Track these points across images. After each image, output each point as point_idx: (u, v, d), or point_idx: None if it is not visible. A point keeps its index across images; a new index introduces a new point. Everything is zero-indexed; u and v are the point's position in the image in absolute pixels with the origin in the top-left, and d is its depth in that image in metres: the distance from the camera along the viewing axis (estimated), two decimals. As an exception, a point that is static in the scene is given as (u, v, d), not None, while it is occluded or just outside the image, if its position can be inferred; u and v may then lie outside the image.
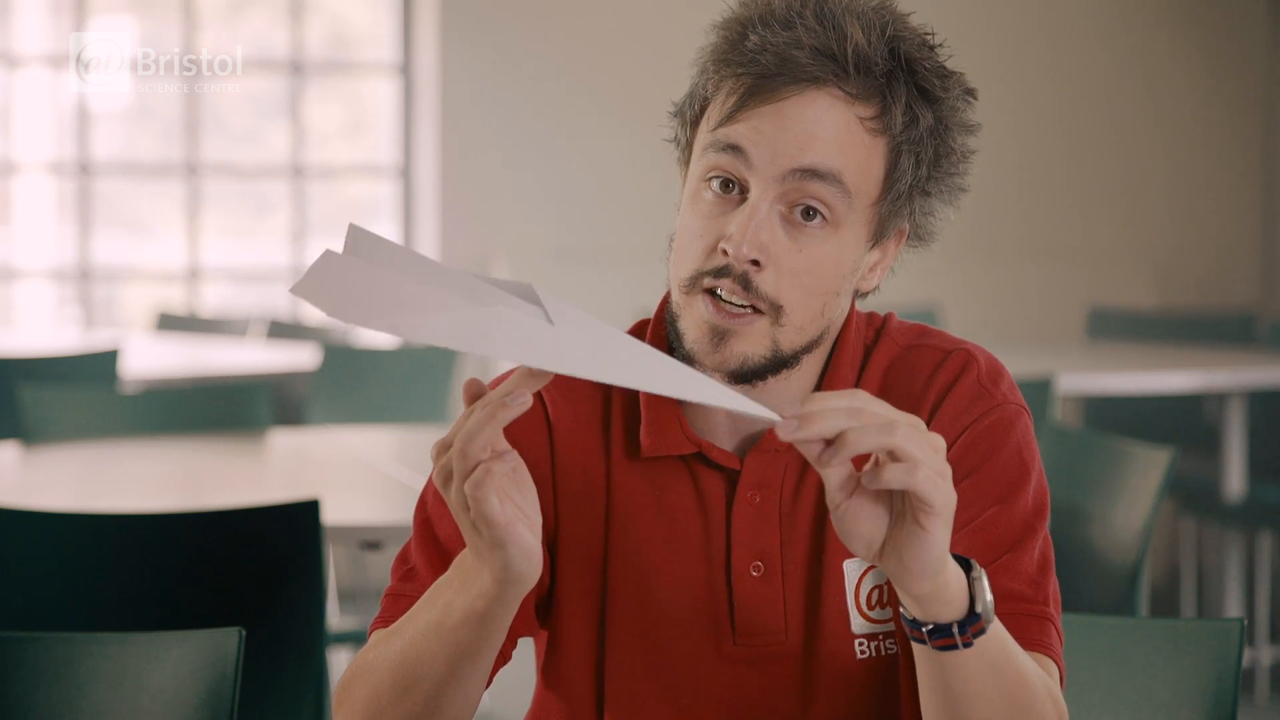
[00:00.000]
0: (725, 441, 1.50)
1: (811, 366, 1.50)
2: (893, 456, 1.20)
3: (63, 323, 6.35)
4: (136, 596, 2.29)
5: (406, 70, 6.39)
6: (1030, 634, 1.42)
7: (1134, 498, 2.89)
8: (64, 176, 6.31)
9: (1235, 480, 4.79)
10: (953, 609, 1.27)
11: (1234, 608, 4.87)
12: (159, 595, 2.29)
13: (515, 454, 1.30)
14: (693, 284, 1.44)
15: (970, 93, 1.48)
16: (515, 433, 1.50)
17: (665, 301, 1.53)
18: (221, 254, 6.45)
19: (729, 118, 1.43)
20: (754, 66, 1.42)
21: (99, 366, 4.15)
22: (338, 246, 1.27)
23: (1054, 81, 6.54)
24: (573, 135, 6.15)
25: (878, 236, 1.47)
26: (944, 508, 1.21)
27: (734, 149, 1.42)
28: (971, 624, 1.27)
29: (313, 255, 6.37)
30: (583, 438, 1.52)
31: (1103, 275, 6.56)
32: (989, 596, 1.28)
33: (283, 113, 6.45)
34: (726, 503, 1.49)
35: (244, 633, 1.63)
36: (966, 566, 1.28)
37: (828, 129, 1.42)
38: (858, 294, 1.52)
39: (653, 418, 1.50)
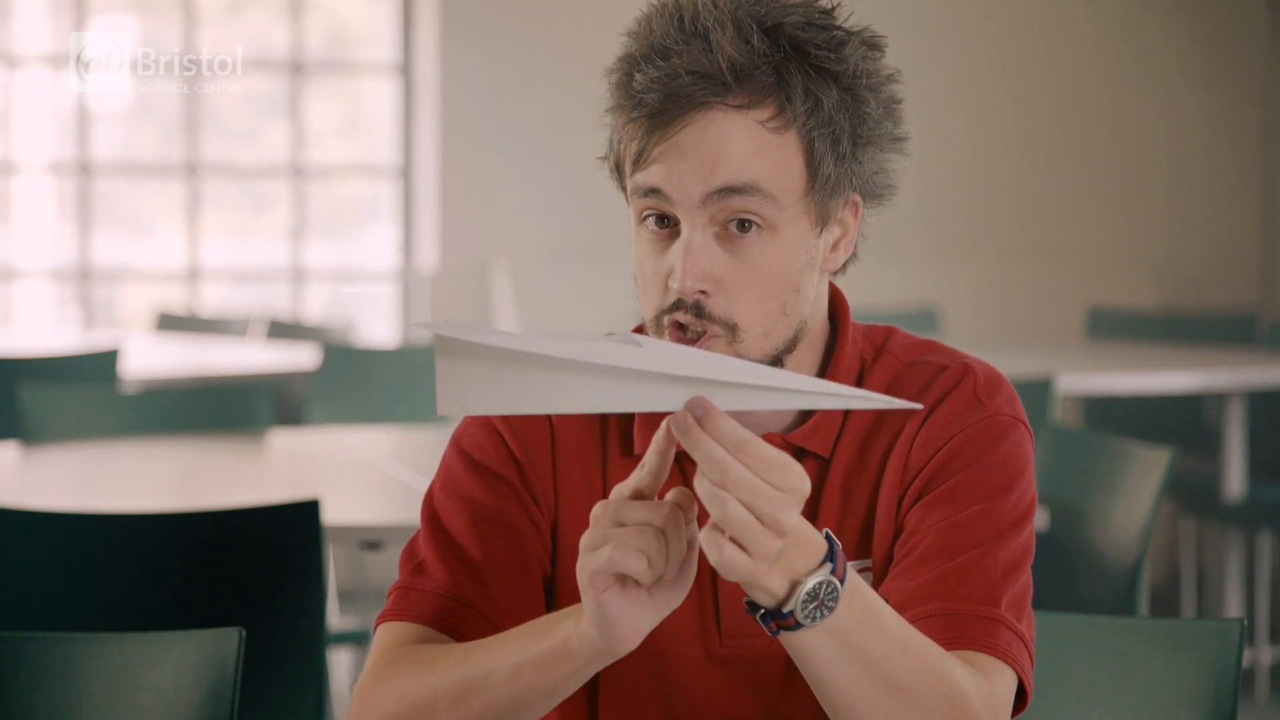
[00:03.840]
0: None
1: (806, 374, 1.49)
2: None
3: (63, 323, 6.35)
4: (136, 596, 2.29)
5: (406, 70, 6.39)
6: (973, 634, 1.40)
7: (1134, 498, 2.89)
8: (64, 176, 6.31)
9: (1235, 480, 4.79)
10: (767, 598, 1.26)
11: (1234, 608, 4.87)
12: (159, 595, 2.29)
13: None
14: (657, 323, 1.45)
15: (872, 44, 1.46)
16: (522, 435, 1.52)
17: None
18: (221, 254, 6.45)
19: (637, 163, 1.44)
20: (643, 108, 1.43)
21: (99, 366, 4.15)
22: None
23: (1053, 81, 6.54)
24: (572, 135, 6.15)
25: (823, 221, 1.47)
26: (720, 569, 1.23)
27: (653, 191, 1.43)
28: (775, 618, 1.26)
29: (312, 255, 6.38)
30: (582, 437, 1.53)
31: (1102, 275, 6.56)
32: (803, 604, 1.25)
33: (282, 112, 6.45)
34: None
35: (244, 633, 1.63)
36: (827, 557, 1.26)
37: (731, 145, 1.42)
38: (832, 275, 1.52)
39: (645, 414, 1.51)
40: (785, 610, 1.25)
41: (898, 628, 1.32)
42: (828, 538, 1.27)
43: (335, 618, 4.40)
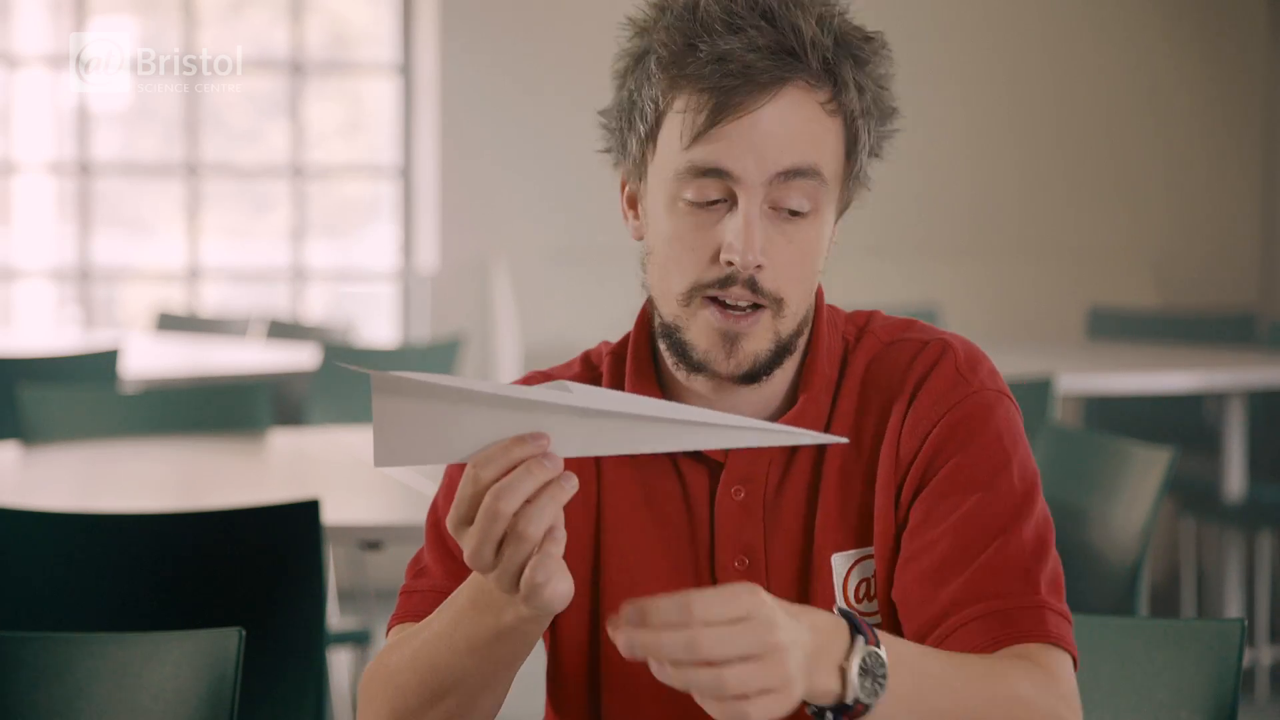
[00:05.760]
0: None
1: (791, 359, 1.50)
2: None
3: (63, 323, 6.35)
4: (136, 596, 2.29)
5: (406, 70, 6.39)
6: (1022, 627, 1.40)
7: (1134, 498, 2.89)
8: (64, 176, 6.31)
9: (1235, 480, 4.79)
10: (826, 698, 1.23)
11: (1234, 608, 4.87)
12: (159, 595, 2.29)
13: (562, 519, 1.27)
14: (692, 296, 1.45)
15: (886, 45, 1.48)
16: None
17: (645, 315, 1.54)
18: (221, 254, 6.45)
19: (701, 136, 1.42)
20: (715, 79, 1.41)
21: (99, 366, 4.15)
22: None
23: (1053, 81, 6.54)
24: (572, 136, 6.15)
25: (843, 209, 1.50)
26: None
27: (717, 171, 1.42)
28: (845, 712, 1.24)
29: (312, 255, 6.38)
30: None
31: (1102, 275, 6.56)
32: (857, 684, 1.22)
33: (282, 112, 6.45)
34: (710, 496, 1.50)
35: (244, 633, 1.63)
36: (853, 633, 1.24)
37: (800, 126, 1.43)
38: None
39: None
40: (849, 701, 1.23)
41: (941, 662, 1.32)
42: (843, 614, 1.25)
43: (335, 618, 4.40)
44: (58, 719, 1.62)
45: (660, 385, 1.52)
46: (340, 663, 4.35)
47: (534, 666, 1.60)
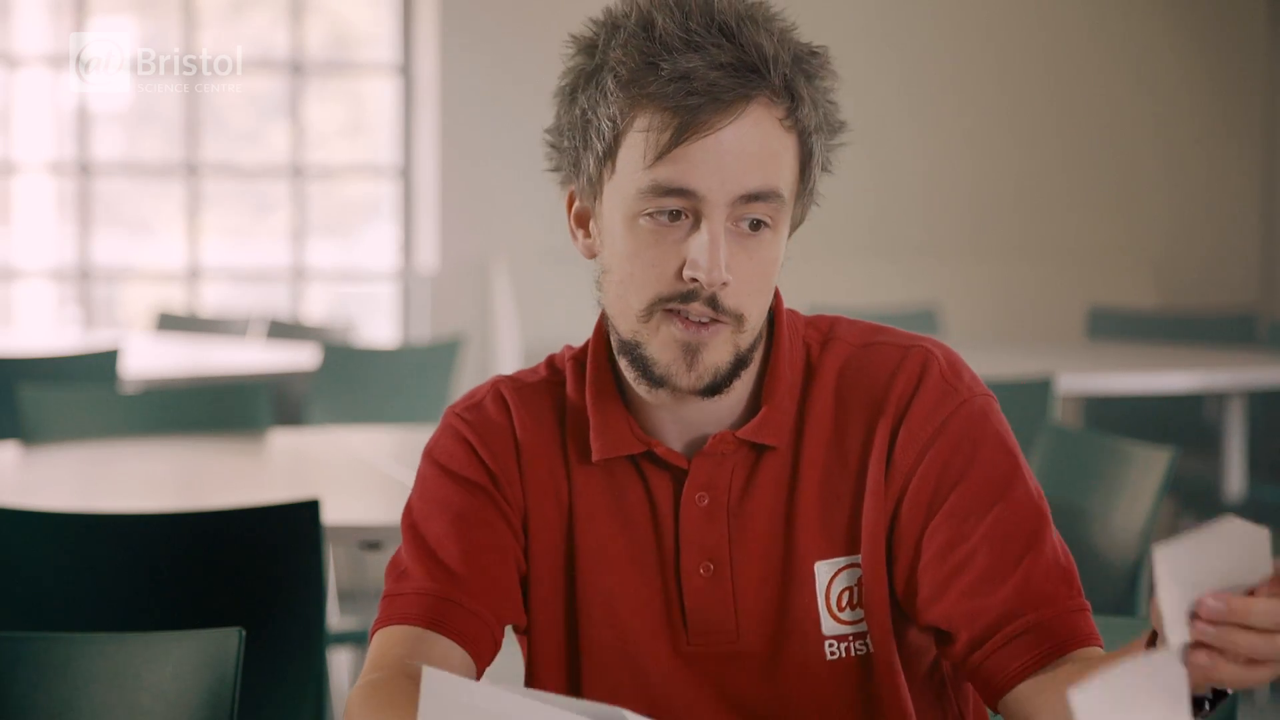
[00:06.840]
0: (674, 442, 1.52)
1: (749, 370, 1.50)
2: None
3: (63, 323, 6.35)
4: (136, 596, 2.29)
5: (406, 70, 6.39)
6: (1079, 630, 1.43)
7: (1134, 498, 2.89)
8: (64, 176, 6.31)
9: (1235, 480, 4.79)
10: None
11: (1234, 608, 4.87)
12: (159, 595, 2.30)
13: None
14: (652, 310, 1.44)
15: (830, 61, 1.47)
16: (490, 443, 1.54)
17: (600, 329, 1.54)
18: (221, 254, 6.46)
19: (665, 155, 1.41)
20: (679, 98, 1.40)
21: (99, 366, 4.15)
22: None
23: (1053, 81, 6.54)
24: (573, 135, 6.14)
25: (796, 224, 1.49)
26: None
27: (678, 191, 1.41)
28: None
29: (313, 255, 6.38)
30: (545, 447, 1.54)
31: (1102, 275, 6.56)
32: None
33: (283, 113, 6.45)
34: (675, 503, 1.51)
35: (244, 633, 1.63)
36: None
37: (761, 143, 1.42)
38: None
39: (601, 421, 1.52)
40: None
41: None
42: None
43: (335, 618, 4.41)
44: (58, 719, 1.62)
45: (623, 400, 1.52)
46: (340, 663, 4.35)
47: (512, 672, 1.59)
